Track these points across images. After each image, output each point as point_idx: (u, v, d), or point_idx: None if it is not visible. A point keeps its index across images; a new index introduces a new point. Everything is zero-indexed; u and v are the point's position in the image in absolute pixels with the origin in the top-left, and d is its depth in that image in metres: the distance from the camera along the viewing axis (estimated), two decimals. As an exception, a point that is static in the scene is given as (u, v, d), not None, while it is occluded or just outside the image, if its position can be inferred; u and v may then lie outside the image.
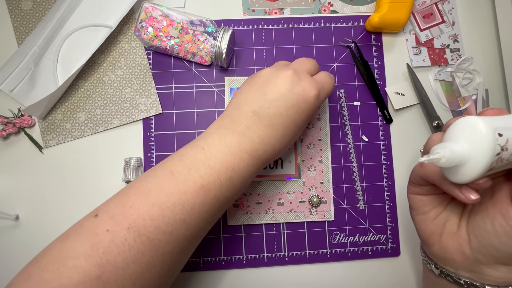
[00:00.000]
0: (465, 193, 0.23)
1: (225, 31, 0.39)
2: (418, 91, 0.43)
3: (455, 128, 0.22)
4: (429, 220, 0.29)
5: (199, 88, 0.42)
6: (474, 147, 0.21)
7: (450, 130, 0.23)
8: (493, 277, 0.26)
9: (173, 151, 0.41)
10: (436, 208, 0.29)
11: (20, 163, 0.41)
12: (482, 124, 0.21)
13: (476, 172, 0.21)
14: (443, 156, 0.21)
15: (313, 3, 0.44)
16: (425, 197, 0.29)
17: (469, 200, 0.23)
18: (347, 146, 0.42)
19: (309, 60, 0.34)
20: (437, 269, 0.29)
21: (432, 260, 0.30)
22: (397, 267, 0.42)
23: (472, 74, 0.44)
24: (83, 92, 0.41)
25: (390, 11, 0.41)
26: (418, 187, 0.29)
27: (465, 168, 0.22)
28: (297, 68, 0.32)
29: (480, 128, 0.21)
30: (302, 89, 0.30)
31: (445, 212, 0.29)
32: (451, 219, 0.28)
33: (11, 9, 0.41)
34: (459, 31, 0.45)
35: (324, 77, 0.33)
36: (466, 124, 0.22)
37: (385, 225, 0.42)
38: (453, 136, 0.22)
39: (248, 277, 0.41)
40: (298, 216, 0.41)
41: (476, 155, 0.21)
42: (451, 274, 0.28)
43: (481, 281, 0.26)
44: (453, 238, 0.28)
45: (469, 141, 0.21)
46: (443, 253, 0.28)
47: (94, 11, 0.42)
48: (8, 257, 0.40)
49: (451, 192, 0.25)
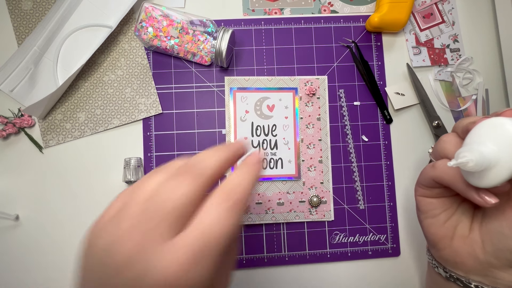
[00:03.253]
0: (483, 196, 0.22)
1: (225, 31, 0.39)
2: (418, 91, 0.43)
3: (481, 129, 0.21)
4: (439, 224, 0.27)
5: (199, 88, 0.42)
6: (503, 149, 0.20)
7: (474, 132, 0.22)
8: (506, 281, 0.25)
9: (173, 151, 0.41)
10: (447, 211, 0.27)
11: (20, 163, 0.41)
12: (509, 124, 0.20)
13: (505, 176, 0.20)
14: (471, 160, 0.20)
15: (313, 3, 0.44)
16: (435, 200, 0.27)
17: (488, 204, 0.22)
18: (347, 146, 0.42)
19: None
20: (446, 273, 0.28)
21: (440, 264, 0.29)
22: (397, 267, 0.42)
23: (472, 74, 0.44)
24: (83, 92, 0.41)
25: (390, 11, 0.41)
26: (428, 190, 0.27)
27: (493, 171, 0.21)
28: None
29: (509, 129, 0.20)
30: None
31: (456, 215, 0.27)
32: (462, 222, 0.27)
33: (11, 9, 0.41)
34: (459, 31, 0.45)
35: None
36: (493, 126, 0.21)
37: (385, 225, 0.42)
38: (478, 138, 0.21)
39: (248, 277, 0.41)
40: (298, 216, 0.41)
41: (505, 158, 0.20)
42: (461, 278, 0.27)
43: (493, 285, 0.25)
44: (465, 242, 0.26)
45: (498, 143, 0.20)
46: (454, 257, 0.27)
47: (94, 11, 0.41)
48: (8, 257, 0.40)
49: (468, 196, 0.23)
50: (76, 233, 0.40)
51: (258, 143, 0.42)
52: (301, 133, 0.42)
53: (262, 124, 0.42)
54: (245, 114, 0.42)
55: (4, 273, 0.39)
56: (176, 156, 0.41)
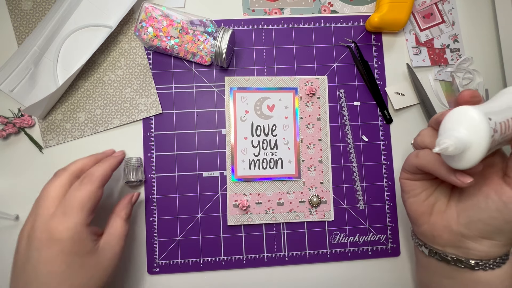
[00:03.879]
0: (460, 177, 0.26)
1: (225, 31, 0.39)
2: (418, 91, 0.43)
3: (451, 118, 0.24)
4: (420, 202, 0.31)
5: (199, 88, 0.42)
6: (472, 133, 0.23)
7: (446, 121, 0.25)
8: (477, 251, 0.28)
9: (173, 151, 0.41)
10: (427, 191, 0.31)
11: (20, 163, 0.41)
12: (475, 111, 0.23)
13: (479, 155, 0.23)
14: (450, 145, 0.23)
15: (313, 3, 0.44)
16: (417, 182, 0.31)
17: (465, 184, 0.25)
18: (347, 146, 0.42)
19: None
20: (427, 248, 0.32)
21: (422, 241, 0.33)
22: (397, 267, 0.42)
23: (472, 74, 0.44)
24: (83, 92, 0.41)
25: (390, 11, 0.41)
26: (411, 174, 0.31)
27: (469, 153, 0.23)
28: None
29: (474, 115, 0.23)
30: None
31: (435, 194, 0.31)
32: (440, 200, 0.31)
33: (11, 9, 0.41)
34: (459, 31, 0.45)
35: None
36: (460, 114, 0.24)
37: (385, 225, 0.42)
38: (450, 126, 0.24)
39: (248, 277, 0.41)
40: (298, 216, 0.41)
41: (476, 140, 0.23)
42: (439, 251, 0.31)
43: (466, 256, 0.29)
44: (442, 217, 0.30)
45: (467, 127, 0.23)
46: (432, 231, 0.30)
47: (94, 11, 0.42)
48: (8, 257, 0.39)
49: (447, 178, 0.27)
50: (76, 233, 0.40)
51: (258, 143, 0.42)
52: (301, 133, 0.42)
53: (262, 124, 0.42)
54: (245, 114, 0.42)
55: (4, 273, 0.39)
56: (176, 156, 0.41)
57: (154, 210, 0.40)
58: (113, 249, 0.32)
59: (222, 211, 0.41)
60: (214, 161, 0.41)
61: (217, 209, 0.41)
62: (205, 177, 0.41)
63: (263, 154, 0.41)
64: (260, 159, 0.41)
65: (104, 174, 0.32)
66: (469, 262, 0.29)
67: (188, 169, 0.41)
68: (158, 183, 0.41)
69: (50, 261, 0.28)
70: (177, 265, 0.40)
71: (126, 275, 0.40)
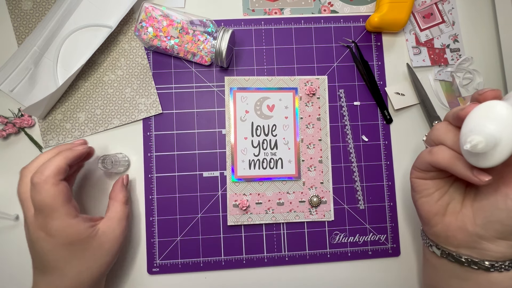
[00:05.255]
0: (478, 175, 0.25)
1: (225, 31, 0.39)
2: (418, 91, 0.43)
3: (478, 113, 0.23)
4: (433, 202, 0.30)
5: (199, 88, 0.42)
6: (502, 128, 0.22)
7: (470, 117, 0.23)
8: (493, 252, 0.27)
9: (173, 151, 0.41)
10: (440, 190, 0.30)
11: (20, 163, 0.40)
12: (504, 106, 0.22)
13: (508, 152, 0.22)
14: (481, 141, 0.22)
15: (313, 3, 0.44)
16: (430, 181, 0.30)
17: (483, 182, 0.24)
18: (347, 146, 0.42)
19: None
20: (439, 249, 0.31)
21: (433, 241, 0.32)
22: (397, 267, 0.42)
23: (472, 74, 0.44)
24: (83, 92, 0.41)
25: (390, 11, 0.41)
26: (424, 173, 0.30)
27: (497, 150, 0.22)
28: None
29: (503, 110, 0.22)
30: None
31: (449, 193, 0.30)
32: (454, 199, 0.30)
33: (11, 9, 0.41)
34: (459, 31, 0.45)
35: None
36: (487, 109, 0.22)
37: (385, 225, 0.42)
38: (478, 122, 0.23)
39: (248, 277, 0.41)
40: (298, 216, 0.41)
41: (506, 136, 0.22)
42: (452, 253, 0.29)
43: (481, 257, 0.28)
44: (457, 217, 0.29)
45: (496, 123, 0.22)
46: (446, 231, 0.29)
47: (94, 11, 0.42)
48: (8, 257, 0.40)
49: (465, 176, 0.26)
50: (76, 233, 0.40)
51: (258, 143, 0.42)
52: (301, 133, 0.42)
53: (262, 124, 0.42)
54: (245, 114, 0.42)
55: (4, 273, 0.39)
56: (176, 156, 0.41)
57: (154, 210, 0.40)
58: (114, 232, 0.34)
59: (222, 211, 0.41)
60: (214, 161, 0.41)
61: (217, 209, 0.41)
62: (205, 177, 0.41)
63: (263, 154, 0.41)
64: (260, 159, 0.41)
65: (55, 170, 0.30)
66: (483, 263, 0.28)
67: (188, 169, 0.41)
68: (158, 183, 0.41)
69: (53, 251, 0.30)
70: (177, 265, 0.40)
71: (126, 275, 0.40)
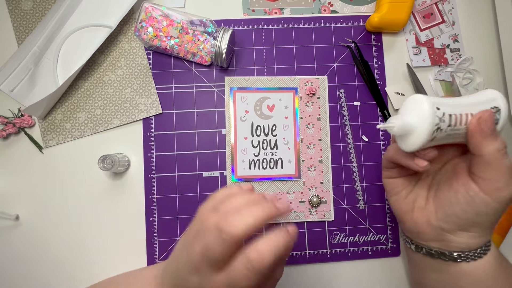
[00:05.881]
0: (417, 162, 0.28)
1: (225, 31, 0.39)
2: (418, 91, 0.43)
3: (406, 104, 0.28)
4: (401, 199, 0.33)
5: (199, 88, 0.42)
6: (418, 118, 0.26)
7: (402, 106, 0.28)
8: (457, 243, 0.30)
9: (173, 151, 0.41)
10: (406, 188, 0.33)
11: (20, 163, 0.41)
12: (424, 99, 0.26)
13: (421, 140, 0.26)
14: (394, 125, 0.26)
15: (313, 3, 0.44)
16: (397, 180, 0.33)
17: (421, 167, 0.28)
18: (347, 146, 0.42)
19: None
20: (413, 244, 0.34)
21: (408, 238, 0.34)
22: (397, 267, 0.42)
23: (472, 74, 0.44)
24: (83, 92, 0.41)
25: (390, 11, 0.41)
26: (389, 171, 0.33)
27: (412, 136, 0.26)
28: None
29: (423, 102, 0.26)
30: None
31: (414, 190, 0.33)
32: (419, 196, 0.33)
33: (11, 9, 0.41)
34: (459, 31, 0.45)
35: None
36: (413, 100, 0.27)
37: (385, 225, 0.42)
38: (404, 111, 0.28)
39: (248, 277, 0.40)
40: (298, 216, 0.41)
41: (420, 125, 0.26)
42: (424, 246, 0.32)
43: (448, 249, 0.30)
44: (422, 213, 0.32)
45: (415, 113, 0.26)
46: (415, 227, 0.32)
47: (94, 11, 0.42)
48: (8, 257, 0.40)
49: (406, 164, 0.29)
50: (76, 232, 0.40)
51: (258, 143, 0.42)
52: (301, 133, 0.42)
53: (262, 124, 0.42)
54: (245, 114, 0.42)
55: (4, 273, 0.39)
56: (176, 156, 0.41)
57: (154, 210, 0.40)
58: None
59: (222, 211, 0.41)
60: (214, 161, 0.41)
61: (217, 209, 0.41)
62: (205, 177, 0.41)
63: (263, 154, 0.41)
64: (260, 159, 0.41)
65: (250, 229, 0.23)
66: (452, 254, 0.30)
67: (188, 169, 0.41)
68: (158, 183, 0.41)
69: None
70: (177, 265, 0.40)
71: (126, 275, 0.40)
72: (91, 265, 0.40)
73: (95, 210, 0.40)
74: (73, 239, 0.40)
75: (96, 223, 0.40)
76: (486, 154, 0.26)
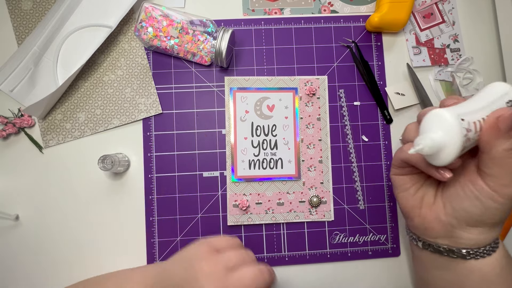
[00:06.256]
0: (441, 172, 0.28)
1: (225, 31, 0.39)
2: (418, 91, 0.43)
3: (428, 120, 0.26)
4: (410, 196, 0.32)
5: (199, 88, 0.42)
6: (446, 134, 0.25)
7: (423, 123, 0.27)
8: (467, 239, 0.29)
9: (173, 151, 0.41)
10: (415, 185, 0.32)
11: (20, 163, 0.41)
12: (448, 113, 0.25)
13: (453, 155, 0.25)
14: (425, 146, 0.25)
15: (313, 3, 0.44)
16: (406, 177, 0.33)
17: (445, 178, 0.28)
18: (347, 146, 0.42)
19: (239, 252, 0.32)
20: (420, 241, 0.33)
21: (415, 235, 0.34)
22: (397, 267, 0.42)
23: (472, 74, 0.44)
24: (83, 92, 0.41)
25: (390, 11, 0.41)
26: (400, 169, 0.32)
27: (443, 152, 0.25)
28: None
29: (447, 117, 0.25)
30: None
31: (423, 187, 0.32)
32: (428, 192, 0.32)
33: (11, 9, 0.41)
34: (459, 31, 0.45)
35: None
36: (435, 116, 0.26)
37: (385, 225, 0.42)
38: (427, 128, 0.26)
39: (248, 277, 0.41)
40: (298, 216, 0.41)
41: (450, 140, 0.25)
42: (432, 243, 0.32)
43: (457, 246, 0.30)
44: (431, 209, 0.31)
45: (442, 129, 0.25)
46: (423, 223, 0.32)
47: (94, 11, 0.42)
48: (8, 257, 0.40)
49: (430, 173, 0.29)
50: (76, 232, 0.40)
51: (258, 143, 0.42)
52: (301, 133, 0.42)
53: (262, 124, 0.42)
54: (245, 114, 0.42)
55: (4, 273, 0.39)
56: (176, 156, 0.41)
57: (154, 210, 0.40)
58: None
59: (222, 211, 0.41)
60: (214, 161, 0.41)
61: (217, 209, 0.41)
62: (205, 177, 0.41)
63: (263, 154, 0.41)
64: (260, 159, 0.41)
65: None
66: (460, 251, 0.30)
67: (188, 169, 0.41)
68: (158, 183, 0.41)
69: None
70: (177, 265, 0.40)
71: (126, 275, 0.40)
72: (91, 265, 0.40)
73: (95, 210, 0.40)
74: (73, 239, 0.40)
75: (96, 223, 0.40)
76: (495, 152, 0.26)
